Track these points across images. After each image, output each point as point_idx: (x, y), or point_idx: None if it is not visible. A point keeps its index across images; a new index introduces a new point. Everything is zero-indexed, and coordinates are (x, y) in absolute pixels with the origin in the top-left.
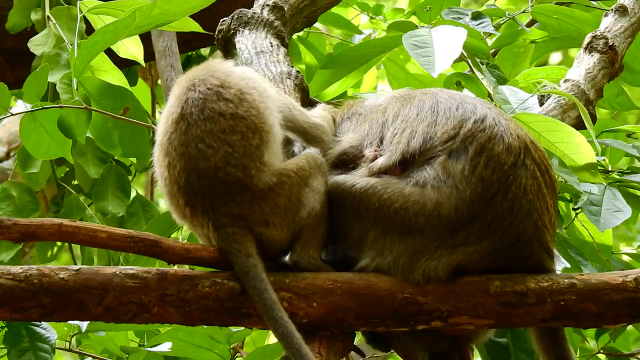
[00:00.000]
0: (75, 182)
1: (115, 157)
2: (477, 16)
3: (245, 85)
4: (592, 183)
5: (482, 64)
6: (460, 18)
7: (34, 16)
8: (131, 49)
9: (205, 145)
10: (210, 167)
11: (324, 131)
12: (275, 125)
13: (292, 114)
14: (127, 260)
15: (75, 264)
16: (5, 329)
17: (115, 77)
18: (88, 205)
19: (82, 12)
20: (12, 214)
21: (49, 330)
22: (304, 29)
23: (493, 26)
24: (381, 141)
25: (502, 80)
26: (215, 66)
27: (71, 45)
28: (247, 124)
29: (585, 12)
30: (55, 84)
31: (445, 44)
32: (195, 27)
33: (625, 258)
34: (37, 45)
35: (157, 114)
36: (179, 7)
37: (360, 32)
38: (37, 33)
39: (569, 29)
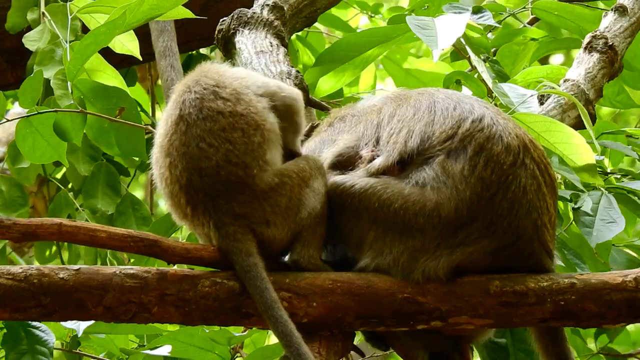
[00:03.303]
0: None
1: (114, 158)
2: (477, 10)
3: (239, 85)
4: (591, 184)
5: (484, 60)
6: (460, 13)
7: (30, 15)
8: (127, 44)
9: (206, 144)
10: (212, 166)
11: (296, 97)
12: (275, 124)
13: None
14: (116, 258)
15: (62, 262)
16: (4, 331)
17: (111, 77)
18: (80, 206)
19: (72, 13)
20: (0, 209)
21: (47, 333)
22: (304, 29)
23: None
24: (377, 142)
25: (502, 76)
26: (208, 67)
27: (66, 41)
28: (248, 120)
29: (585, 9)
30: (50, 84)
31: (447, 25)
32: (187, 13)
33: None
34: (32, 41)
35: (157, 113)
36: (168, 1)
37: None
38: None
39: (570, 26)
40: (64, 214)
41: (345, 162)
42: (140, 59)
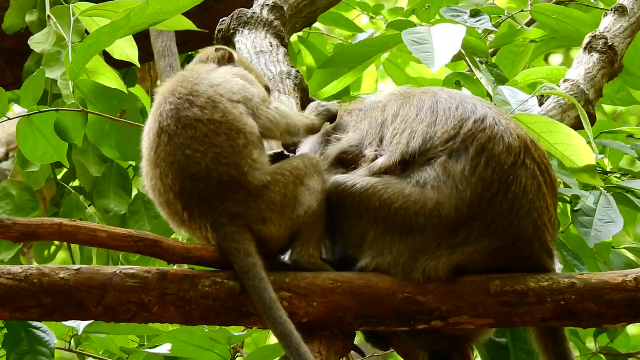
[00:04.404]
0: (77, 183)
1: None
2: (475, 14)
3: (214, 93)
4: (591, 185)
5: (482, 63)
6: (458, 16)
7: (29, 17)
8: (126, 50)
9: (192, 151)
10: (202, 169)
11: (273, 121)
12: (255, 127)
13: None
14: (128, 260)
15: (74, 263)
16: (5, 332)
17: (112, 80)
18: (88, 206)
19: (75, 15)
20: (11, 213)
21: (48, 333)
22: (305, 30)
23: (492, 25)
24: (381, 141)
25: (501, 80)
26: (185, 75)
27: (72, 43)
28: (229, 126)
29: (584, 13)
30: (55, 85)
31: (444, 39)
32: (189, 25)
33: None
34: (38, 43)
35: None
36: (172, 6)
37: (362, 31)
38: (33, 34)
39: (568, 29)
40: (75, 217)
41: (350, 161)
42: (139, 65)
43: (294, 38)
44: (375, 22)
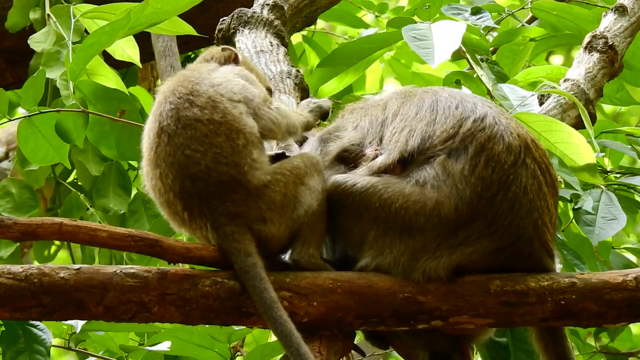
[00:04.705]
0: (75, 180)
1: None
2: (476, 11)
3: (214, 93)
4: (591, 184)
5: (482, 60)
6: (459, 14)
7: (33, 15)
8: (127, 51)
9: (192, 151)
10: (202, 169)
11: (275, 122)
12: (255, 128)
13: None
14: (131, 260)
15: (74, 263)
16: (3, 329)
17: (112, 81)
18: (90, 206)
19: (75, 17)
20: (11, 211)
21: (45, 332)
22: (308, 29)
23: (493, 22)
24: (381, 140)
25: (501, 77)
26: (186, 74)
27: (72, 42)
28: (228, 126)
29: (584, 9)
30: (55, 84)
31: (444, 36)
32: (188, 30)
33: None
34: (38, 42)
35: None
36: (172, 6)
37: (367, 26)
38: (37, 31)
39: (568, 26)
40: (75, 216)
41: (351, 159)
42: (140, 66)
43: (298, 38)
44: (380, 20)
